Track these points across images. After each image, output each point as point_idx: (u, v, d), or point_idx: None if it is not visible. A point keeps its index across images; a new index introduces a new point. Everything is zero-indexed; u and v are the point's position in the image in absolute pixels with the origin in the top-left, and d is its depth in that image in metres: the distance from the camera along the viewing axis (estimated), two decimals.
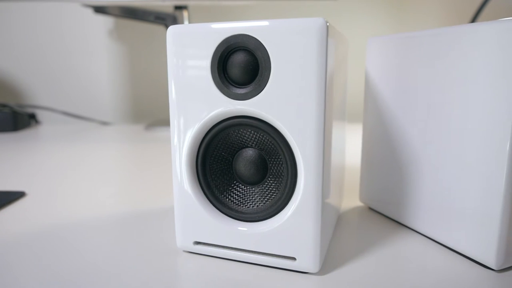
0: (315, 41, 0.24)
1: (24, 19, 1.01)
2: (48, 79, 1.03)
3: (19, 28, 1.01)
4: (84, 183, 0.50)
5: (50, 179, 0.52)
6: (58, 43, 1.01)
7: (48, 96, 1.03)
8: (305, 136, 0.26)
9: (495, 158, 0.27)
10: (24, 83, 1.03)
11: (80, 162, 0.61)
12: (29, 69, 1.03)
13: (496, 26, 0.26)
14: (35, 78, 1.03)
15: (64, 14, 1.00)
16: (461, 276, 0.28)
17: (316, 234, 0.27)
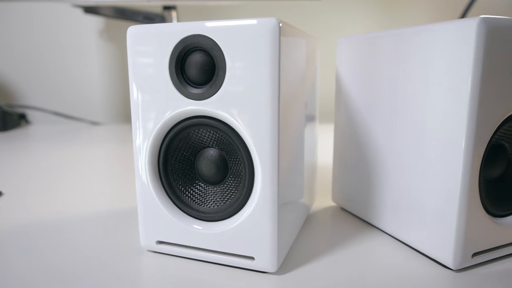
0: (268, 41, 0.24)
1: (14, 19, 1.01)
2: (39, 79, 1.03)
3: (9, 28, 1.02)
4: (66, 182, 0.50)
5: (31, 178, 0.52)
6: (48, 43, 1.02)
7: (38, 96, 1.04)
8: (261, 136, 0.26)
9: (451, 159, 0.27)
10: (14, 83, 1.04)
11: (67, 162, 0.61)
12: (19, 69, 1.03)
13: (452, 25, 0.26)
14: (25, 78, 1.04)
15: (54, 14, 1.00)
16: (420, 275, 0.28)
17: (274, 234, 0.27)
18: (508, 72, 0.26)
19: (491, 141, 0.27)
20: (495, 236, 0.29)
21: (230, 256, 0.29)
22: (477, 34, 0.24)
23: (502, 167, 0.30)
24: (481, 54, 0.25)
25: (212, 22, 0.26)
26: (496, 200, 0.29)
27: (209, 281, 0.27)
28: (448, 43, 0.26)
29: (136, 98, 0.29)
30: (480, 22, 0.24)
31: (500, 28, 0.25)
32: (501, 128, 0.28)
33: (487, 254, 0.29)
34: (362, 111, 0.35)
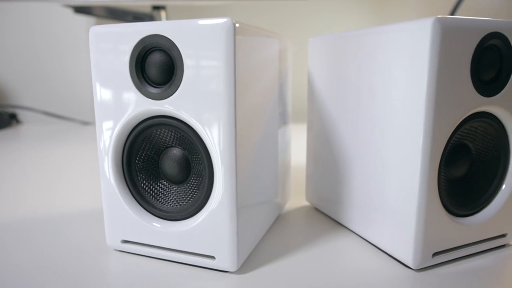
0: (222, 40, 0.25)
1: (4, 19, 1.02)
2: (29, 79, 1.04)
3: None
4: (47, 182, 0.50)
5: (18, 178, 0.52)
6: (39, 43, 1.02)
7: (29, 96, 1.04)
8: (218, 136, 0.26)
9: (410, 158, 0.27)
10: (4, 82, 1.04)
11: (57, 162, 0.61)
12: (10, 69, 1.04)
13: (409, 26, 0.26)
14: (16, 78, 1.04)
15: (45, 14, 1.01)
16: (382, 275, 0.28)
17: (233, 233, 0.27)
18: (465, 71, 0.26)
19: (450, 140, 0.27)
20: (457, 236, 0.29)
21: (191, 255, 0.29)
22: (432, 34, 0.24)
23: (465, 167, 0.30)
24: (436, 54, 0.25)
25: (170, 22, 0.26)
26: (459, 200, 0.29)
27: (170, 280, 0.27)
28: (406, 43, 0.26)
29: (99, 98, 0.29)
30: (435, 22, 0.24)
31: (456, 28, 0.25)
32: (461, 127, 0.28)
33: (448, 254, 0.29)
34: (332, 111, 0.35)
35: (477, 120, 0.28)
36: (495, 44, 0.27)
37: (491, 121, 0.29)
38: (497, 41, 0.27)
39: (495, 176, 0.30)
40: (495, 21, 0.26)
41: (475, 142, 0.30)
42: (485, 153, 0.30)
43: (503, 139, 0.30)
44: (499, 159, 0.30)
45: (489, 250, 0.31)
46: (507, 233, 0.31)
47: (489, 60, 0.27)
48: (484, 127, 0.29)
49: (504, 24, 0.27)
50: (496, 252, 0.31)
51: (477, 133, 0.29)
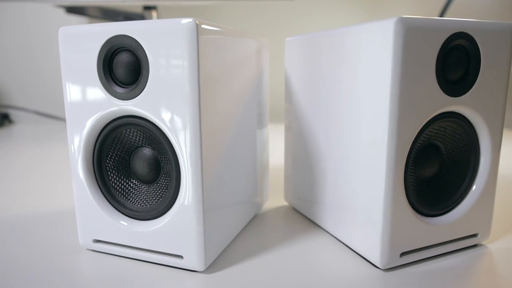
0: (185, 41, 0.25)
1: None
2: (21, 79, 1.04)
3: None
4: (35, 182, 0.50)
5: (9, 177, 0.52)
6: (31, 43, 1.02)
7: (21, 96, 1.04)
8: (184, 136, 0.26)
9: (376, 158, 0.27)
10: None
11: (45, 162, 0.61)
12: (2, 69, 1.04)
13: (373, 26, 0.26)
14: (8, 77, 1.04)
15: (37, 14, 1.01)
16: (350, 274, 0.28)
17: (200, 233, 0.27)
18: (430, 71, 0.26)
19: (417, 140, 0.27)
20: (425, 236, 0.29)
21: (161, 255, 0.29)
22: (395, 34, 0.24)
23: (435, 167, 0.30)
24: (399, 54, 0.25)
25: (136, 22, 0.26)
26: (429, 200, 0.29)
27: (139, 279, 0.27)
28: (371, 43, 0.26)
29: (68, 98, 0.29)
30: (397, 22, 0.24)
31: (419, 28, 0.25)
32: (429, 127, 0.27)
33: (417, 254, 0.29)
34: (306, 112, 0.35)
35: (445, 120, 0.28)
36: (461, 44, 0.27)
37: (460, 121, 0.29)
38: (463, 41, 0.27)
39: (465, 176, 0.30)
40: (461, 21, 0.26)
41: (445, 142, 0.30)
42: (455, 153, 0.30)
43: (472, 140, 0.30)
44: (469, 159, 0.30)
45: (460, 250, 0.31)
46: (478, 233, 0.31)
47: (455, 60, 0.27)
48: (453, 127, 0.29)
49: (470, 24, 0.27)
50: (467, 252, 0.31)
51: (446, 133, 0.29)
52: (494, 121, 0.29)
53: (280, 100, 0.67)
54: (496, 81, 0.29)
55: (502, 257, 0.30)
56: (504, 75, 0.29)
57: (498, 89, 0.29)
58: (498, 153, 0.30)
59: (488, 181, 0.30)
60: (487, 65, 0.28)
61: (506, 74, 0.29)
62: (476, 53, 0.27)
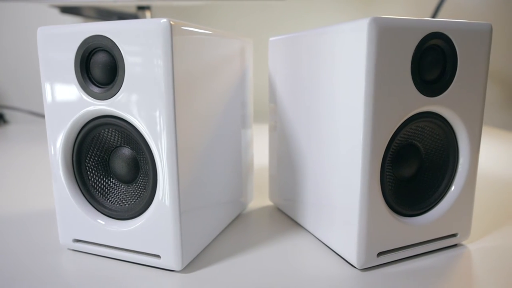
0: (159, 41, 0.25)
1: None
2: (16, 79, 1.04)
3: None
4: (25, 182, 0.50)
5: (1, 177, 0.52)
6: (25, 43, 1.02)
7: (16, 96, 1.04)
8: (159, 136, 0.26)
9: (353, 158, 0.27)
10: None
11: (37, 162, 0.61)
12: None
13: (348, 26, 0.26)
14: (3, 78, 1.04)
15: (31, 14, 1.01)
16: (328, 274, 0.28)
17: (176, 233, 0.27)
18: (406, 71, 0.26)
19: (394, 140, 0.27)
20: (403, 236, 0.29)
21: (139, 254, 0.29)
22: (368, 34, 0.24)
23: (414, 167, 0.30)
24: (373, 54, 0.25)
25: (112, 22, 0.26)
26: (408, 200, 0.29)
27: (117, 278, 0.27)
28: (346, 43, 0.26)
29: (48, 98, 0.29)
30: (371, 23, 0.24)
31: (393, 28, 0.25)
32: (406, 127, 0.27)
33: (394, 253, 0.29)
34: (289, 112, 0.35)
35: (423, 120, 0.28)
36: (437, 44, 0.27)
37: (438, 121, 0.29)
38: (439, 41, 0.27)
39: (444, 176, 0.30)
40: (437, 21, 0.26)
41: (424, 142, 0.30)
42: (434, 153, 0.30)
43: (451, 140, 0.30)
44: (448, 159, 0.30)
45: (439, 250, 0.31)
46: (457, 233, 0.31)
47: (431, 60, 0.27)
48: (431, 127, 0.29)
49: (447, 24, 0.27)
50: (446, 252, 0.31)
51: (424, 133, 0.29)
52: (473, 121, 0.29)
53: (262, 100, 0.67)
54: (474, 81, 0.29)
55: (480, 257, 0.30)
56: (482, 75, 0.29)
57: (476, 89, 0.29)
58: (477, 153, 0.30)
59: (467, 181, 0.30)
60: (464, 65, 0.28)
61: (484, 74, 0.29)
62: (452, 53, 0.27)
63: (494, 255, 0.30)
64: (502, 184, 0.48)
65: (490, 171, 0.54)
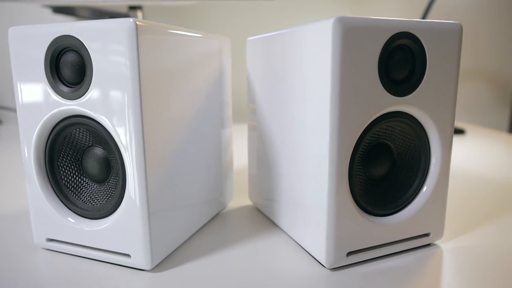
0: (125, 41, 0.25)
1: None
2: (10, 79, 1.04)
3: None
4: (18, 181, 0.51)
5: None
6: None
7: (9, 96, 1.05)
8: (127, 136, 0.26)
9: (321, 158, 0.27)
10: None
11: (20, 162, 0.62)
12: None
13: (315, 26, 0.26)
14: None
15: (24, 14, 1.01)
16: (298, 273, 0.28)
17: (145, 232, 0.27)
18: (373, 71, 0.26)
19: (363, 140, 0.27)
20: (373, 236, 0.29)
21: (110, 253, 0.29)
22: (333, 34, 0.24)
23: (385, 167, 0.30)
24: (338, 54, 0.25)
25: (81, 22, 0.26)
26: (379, 200, 0.29)
27: (87, 277, 0.27)
28: (314, 43, 0.27)
29: (19, 98, 0.29)
30: (335, 22, 0.24)
31: (359, 28, 0.25)
32: (375, 126, 0.27)
33: (364, 253, 0.29)
34: (265, 112, 0.35)
35: (393, 120, 0.28)
36: (406, 44, 0.27)
37: (408, 121, 0.29)
38: (407, 41, 0.27)
39: (416, 176, 0.30)
40: (405, 21, 0.26)
41: (395, 142, 0.30)
42: (406, 153, 0.30)
43: (422, 139, 0.30)
44: (420, 159, 0.30)
45: (412, 250, 0.31)
46: (430, 233, 0.31)
47: (399, 60, 0.27)
48: (402, 127, 0.29)
49: (415, 24, 0.27)
50: (418, 251, 0.31)
51: (395, 133, 0.29)
52: (444, 121, 0.29)
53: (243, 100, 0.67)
54: (445, 80, 0.29)
55: (452, 257, 0.30)
56: (452, 75, 0.29)
57: (447, 89, 0.29)
58: (449, 153, 0.30)
59: (440, 181, 0.30)
60: (434, 65, 0.28)
61: (455, 74, 0.29)
62: (421, 53, 0.27)
63: (466, 254, 0.30)
64: (481, 184, 0.48)
65: (470, 171, 0.54)
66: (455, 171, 0.54)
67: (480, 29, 1.02)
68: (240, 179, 0.50)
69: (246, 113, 0.84)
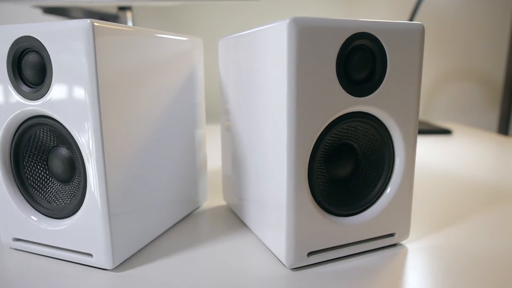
0: (82, 42, 0.25)
1: None
2: None
3: None
4: None
5: None
6: None
7: None
8: (86, 136, 0.26)
9: (280, 157, 0.27)
10: None
11: None
12: None
13: (273, 27, 0.26)
14: None
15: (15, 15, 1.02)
16: (261, 273, 0.28)
17: (107, 232, 0.27)
18: (331, 71, 0.26)
19: (323, 140, 0.27)
20: (336, 236, 0.29)
21: (73, 253, 0.29)
22: (288, 35, 0.25)
23: (349, 167, 0.30)
24: (294, 54, 0.25)
25: (41, 23, 0.26)
26: (342, 200, 0.30)
27: (49, 277, 0.28)
28: (271, 44, 0.27)
29: None
30: (290, 23, 0.24)
31: (315, 29, 0.25)
32: (335, 127, 0.28)
33: (326, 253, 0.29)
34: (235, 112, 0.35)
35: (354, 120, 0.28)
36: (365, 44, 0.27)
37: (371, 122, 0.29)
38: (366, 41, 0.27)
39: (381, 176, 0.30)
40: (364, 21, 0.26)
41: (359, 142, 0.30)
42: (370, 153, 0.30)
43: (386, 140, 0.30)
44: (384, 159, 0.30)
45: (377, 250, 0.31)
46: (395, 233, 0.31)
47: (358, 60, 0.27)
48: (365, 127, 0.29)
49: (374, 25, 0.27)
50: (383, 251, 0.31)
51: (358, 133, 0.29)
52: (407, 121, 0.29)
53: None
54: (407, 81, 0.29)
55: (416, 256, 0.30)
56: (414, 75, 0.29)
57: (409, 89, 0.29)
58: (413, 153, 0.30)
59: (404, 181, 0.30)
60: (395, 65, 0.28)
61: (417, 74, 0.29)
62: (381, 54, 0.27)
63: (430, 254, 0.30)
64: (458, 184, 0.48)
65: (451, 171, 0.54)
66: (435, 171, 0.54)
67: (470, 30, 1.02)
68: (218, 179, 0.50)
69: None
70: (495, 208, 0.40)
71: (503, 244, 0.32)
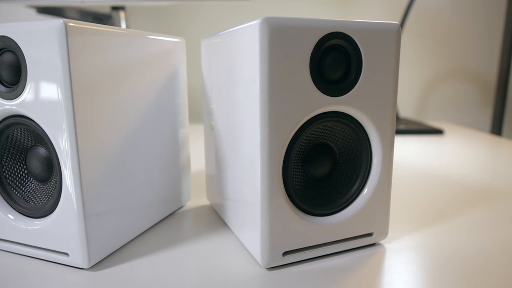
0: (55, 42, 0.25)
1: None
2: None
3: None
4: None
5: None
6: None
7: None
8: (61, 136, 0.26)
9: (255, 157, 0.27)
10: None
11: None
12: None
13: (246, 27, 0.26)
14: None
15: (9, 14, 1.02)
16: (237, 273, 0.28)
17: (82, 231, 0.27)
18: (305, 71, 0.26)
19: (298, 140, 0.27)
20: (312, 236, 0.29)
21: (49, 252, 0.29)
22: (260, 35, 0.25)
23: (326, 167, 0.30)
24: (266, 54, 0.25)
25: (16, 23, 0.26)
26: (319, 200, 0.30)
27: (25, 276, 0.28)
28: (245, 44, 0.27)
29: None
30: (262, 23, 0.24)
31: (288, 29, 0.25)
32: (310, 126, 0.28)
33: (302, 253, 0.29)
34: (215, 112, 0.35)
35: (330, 120, 0.28)
36: (340, 44, 0.27)
37: (347, 121, 0.29)
38: (341, 41, 0.27)
39: (358, 176, 0.30)
40: (338, 21, 0.26)
41: (336, 142, 0.30)
42: (347, 153, 0.30)
43: (363, 139, 0.30)
44: (361, 160, 0.30)
45: (354, 249, 0.31)
46: (373, 232, 0.31)
47: (332, 60, 0.27)
48: (341, 127, 0.29)
49: (349, 24, 0.27)
50: (360, 251, 0.31)
51: (335, 133, 0.29)
52: (383, 121, 0.29)
53: None
54: (383, 81, 0.29)
55: (394, 256, 0.30)
56: (390, 75, 0.29)
57: (385, 89, 0.29)
58: (390, 153, 0.30)
59: (382, 181, 0.30)
60: (370, 65, 0.28)
61: (393, 74, 0.29)
62: (356, 53, 0.27)
63: (409, 254, 0.30)
64: (443, 184, 0.48)
65: (438, 171, 0.53)
66: (423, 171, 0.54)
67: (464, 30, 1.02)
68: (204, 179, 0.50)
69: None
70: (478, 207, 0.40)
71: (481, 243, 0.32)
